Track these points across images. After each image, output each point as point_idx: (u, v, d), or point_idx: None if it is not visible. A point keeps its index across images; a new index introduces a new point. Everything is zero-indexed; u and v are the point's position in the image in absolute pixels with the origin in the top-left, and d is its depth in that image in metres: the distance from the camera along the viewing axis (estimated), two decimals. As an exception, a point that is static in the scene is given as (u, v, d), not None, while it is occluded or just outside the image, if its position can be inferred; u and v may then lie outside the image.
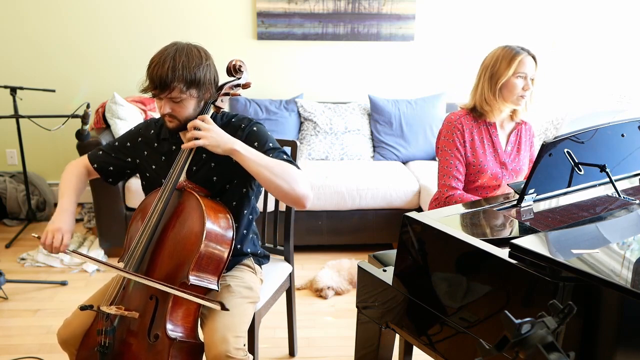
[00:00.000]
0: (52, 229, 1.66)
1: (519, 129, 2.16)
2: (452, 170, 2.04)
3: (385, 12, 3.98)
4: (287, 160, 1.68)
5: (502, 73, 1.98)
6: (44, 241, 1.65)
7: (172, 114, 1.64)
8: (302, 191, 1.63)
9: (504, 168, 2.10)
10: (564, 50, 4.15)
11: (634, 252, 1.30)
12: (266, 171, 1.60)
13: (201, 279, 1.58)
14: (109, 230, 3.26)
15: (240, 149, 1.60)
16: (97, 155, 1.85)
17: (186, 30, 3.87)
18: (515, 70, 1.97)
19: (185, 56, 1.60)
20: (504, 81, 1.98)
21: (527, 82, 2.00)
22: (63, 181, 1.80)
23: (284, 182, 1.61)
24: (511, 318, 0.75)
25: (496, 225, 1.56)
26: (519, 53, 1.98)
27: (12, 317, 2.66)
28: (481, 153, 2.06)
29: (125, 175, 1.89)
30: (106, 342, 1.57)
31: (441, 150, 2.09)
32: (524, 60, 1.97)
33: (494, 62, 2.01)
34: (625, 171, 1.78)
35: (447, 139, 2.07)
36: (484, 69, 2.05)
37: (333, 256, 3.32)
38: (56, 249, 1.64)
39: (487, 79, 2.02)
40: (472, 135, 2.06)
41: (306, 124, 3.80)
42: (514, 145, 2.14)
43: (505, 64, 1.98)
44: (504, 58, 1.99)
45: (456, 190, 2.03)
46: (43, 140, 3.88)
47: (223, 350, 1.53)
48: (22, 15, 3.78)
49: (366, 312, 1.69)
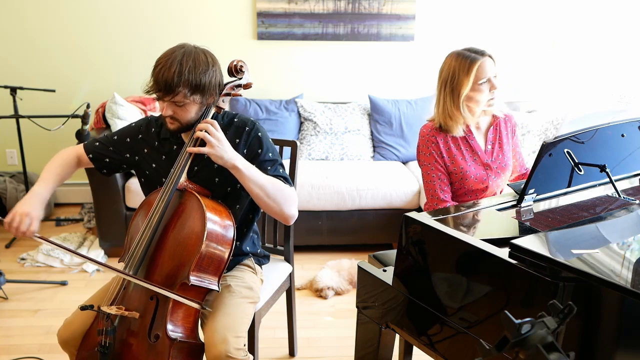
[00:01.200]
0: (20, 211, 1.59)
1: (496, 124, 2.05)
2: (437, 183, 1.99)
3: (385, 12, 3.98)
4: (282, 176, 1.71)
5: (462, 85, 1.87)
6: (9, 221, 1.57)
7: (174, 116, 1.64)
8: (289, 212, 1.70)
9: (488, 169, 2.02)
10: (564, 50, 4.15)
11: (634, 252, 1.30)
12: (260, 191, 1.63)
13: (202, 279, 1.58)
14: (109, 230, 3.26)
15: (241, 166, 1.61)
16: (94, 145, 1.83)
17: (186, 30, 3.87)
18: (476, 77, 1.86)
19: (192, 61, 1.59)
20: (467, 93, 1.88)
21: (492, 83, 1.89)
22: (47, 166, 1.75)
23: (274, 204, 1.66)
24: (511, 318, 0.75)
25: (496, 225, 1.56)
26: (475, 59, 1.86)
27: (12, 317, 2.66)
28: (460, 160, 1.99)
29: (121, 170, 1.86)
30: (106, 342, 1.56)
31: (422, 164, 2.03)
32: (482, 65, 1.86)
33: (451, 74, 1.89)
34: (625, 171, 1.78)
35: (425, 153, 2.00)
36: (442, 84, 1.93)
37: (333, 256, 3.32)
38: (21, 233, 1.57)
39: (449, 93, 1.91)
40: (448, 144, 1.98)
41: (306, 124, 3.80)
42: (494, 142, 2.05)
43: (464, 75, 1.86)
44: (460, 69, 1.87)
45: (446, 203, 1.98)
46: (43, 140, 3.88)
47: (223, 351, 1.53)
48: (22, 15, 3.78)
49: (366, 312, 1.69)
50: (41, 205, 1.66)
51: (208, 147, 1.58)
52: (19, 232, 1.58)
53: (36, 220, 1.60)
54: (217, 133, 1.59)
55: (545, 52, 4.15)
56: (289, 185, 1.71)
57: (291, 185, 1.73)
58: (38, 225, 1.61)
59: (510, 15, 4.08)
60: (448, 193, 2.01)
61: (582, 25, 4.07)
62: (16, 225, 1.57)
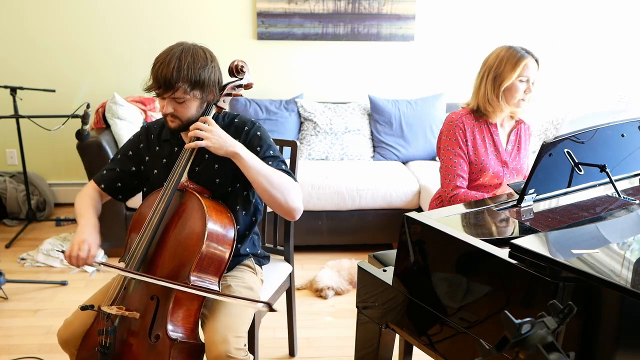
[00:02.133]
0: (77, 240, 1.60)
1: (518, 128, 2.16)
2: (457, 169, 2.03)
3: (385, 12, 3.98)
4: (285, 171, 1.70)
5: (506, 76, 1.96)
6: (69, 253, 1.58)
7: (174, 114, 1.64)
8: (295, 205, 1.67)
9: (505, 167, 2.10)
10: (564, 50, 4.15)
11: (634, 252, 1.30)
12: (264, 180, 1.62)
13: (202, 279, 1.58)
14: (109, 230, 3.25)
15: (242, 153, 1.60)
16: (102, 175, 1.83)
17: (186, 30, 3.87)
18: (520, 74, 1.96)
19: (191, 57, 1.60)
20: (508, 84, 1.97)
21: (528, 85, 1.99)
22: (77, 205, 1.76)
23: (279, 194, 1.63)
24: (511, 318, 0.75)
25: (496, 225, 1.56)
26: (523, 56, 1.96)
27: (12, 317, 2.66)
28: (483, 152, 2.06)
29: (133, 188, 1.85)
30: (107, 343, 1.56)
31: (443, 149, 2.08)
32: (528, 64, 1.95)
33: (497, 63, 1.99)
34: (625, 171, 1.78)
35: (450, 138, 2.06)
36: (487, 69, 2.02)
37: (333, 256, 3.32)
38: (83, 260, 1.57)
39: (491, 80, 2.00)
40: (474, 134, 2.06)
41: (306, 124, 3.80)
42: (514, 144, 2.14)
43: (510, 67, 1.96)
44: (508, 60, 1.96)
45: (461, 189, 2.02)
46: (43, 140, 3.88)
47: (224, 351, 1.53)
48: (22, 15, 3.78)
49: (366, 312, 1.69)
50: (94, 230, 1.66)
51: (205, 140, 1.58)
52: (80, 260, 1.58)
53: (94, 245, 1.61)
54: (208, 127, 1.60)
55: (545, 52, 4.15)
56: (293, 179, 1.70)
57: (295, 180, 1.72)
58: (96, 249, 1.61)
59: (510, 15, 4.08)
60: (465, 180, 2.06)
61: (582, 25, 4.07)
62: (76, 255, 1.57)
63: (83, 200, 1.78)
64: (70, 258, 1.59)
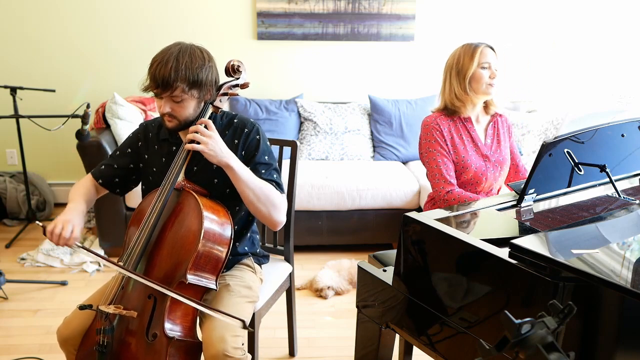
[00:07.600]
0: (62, 219, 1.60)
1: (495, 121, 2.19)
2: (443, 170, 2.06)
3: (385, 12, 3.97)
4: (275, 181, 1.73)
5: (467, 67, 2.05)
6: (52, 229, 1.57)
7: (172, 113, 1.64)
8: (278, 219, 1.72)
9: (487, 161, 2.13)
10: (564, 49, 4.15)
11: (634, 252, 1.30)
12: (251, 193, 1.65)
13: (199, 278, 1.58)
14: (109, 230, 3.26)
15: (235, 166, 1.62)
16: (100, 170, 1.84)
17: (186, 30, 3.87)
18: (479, 61, 2.04)
19: (189, 57, 1.60)
20: (471, 74, 2.04)
21: (491, 70, 2.06)
22: (70, 192, 1.77)
23: (264, 208, 1.68)
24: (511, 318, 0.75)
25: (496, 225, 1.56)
26: (478, 45, 2.06)
27: (12, 317, 2.66)
28: (462, 149, 2.09)
29: (131, 183, 1.87)
30: (105, 342, 1.56)
31: (426, 152, 2.11)
32: (484, 51, 2.05)
33: (456, 59, 2.08)
34: (625, 171, 1.78)
35: (429, 140, 2.09)
36: (448, 69, 2.12)
37: (333, 256, 3.32)
38: (64, 240, 1.57)
39: (455, 76, 2.08)
40: (451, 132, 2.10)
41: (306, 124, 3.80)
42: (493, 137, 2.17)
43: (468, 58, 2.05)
44: (465, 53, 2.06)
45: (453, 187, 2.03)
46: (43, 140, 3.88)
47: (221, 349, 1.52)
48: (22, 15, 3.78)
49: (366, 312, 1.69)
50: (81, 215, 1.66)
51: (202, 145, 1.59)
52: (61, 238, 1.57)
53: (77, 228, 1.60)
54: (208, 132, 1.60)
55: (546, 52, 4.15)
56: (280, 192, 1.73)
57: (282, 191, 1.74)
58: (79, 232, 1.61)
59: (510, 15, 4.07)
60: (454, 179, 2.08)
61: (582, 25, 4.07)
62: (58, 232, 1.57)
63: (77, 189, 1.79)
64: (52, 234, 1.57)
